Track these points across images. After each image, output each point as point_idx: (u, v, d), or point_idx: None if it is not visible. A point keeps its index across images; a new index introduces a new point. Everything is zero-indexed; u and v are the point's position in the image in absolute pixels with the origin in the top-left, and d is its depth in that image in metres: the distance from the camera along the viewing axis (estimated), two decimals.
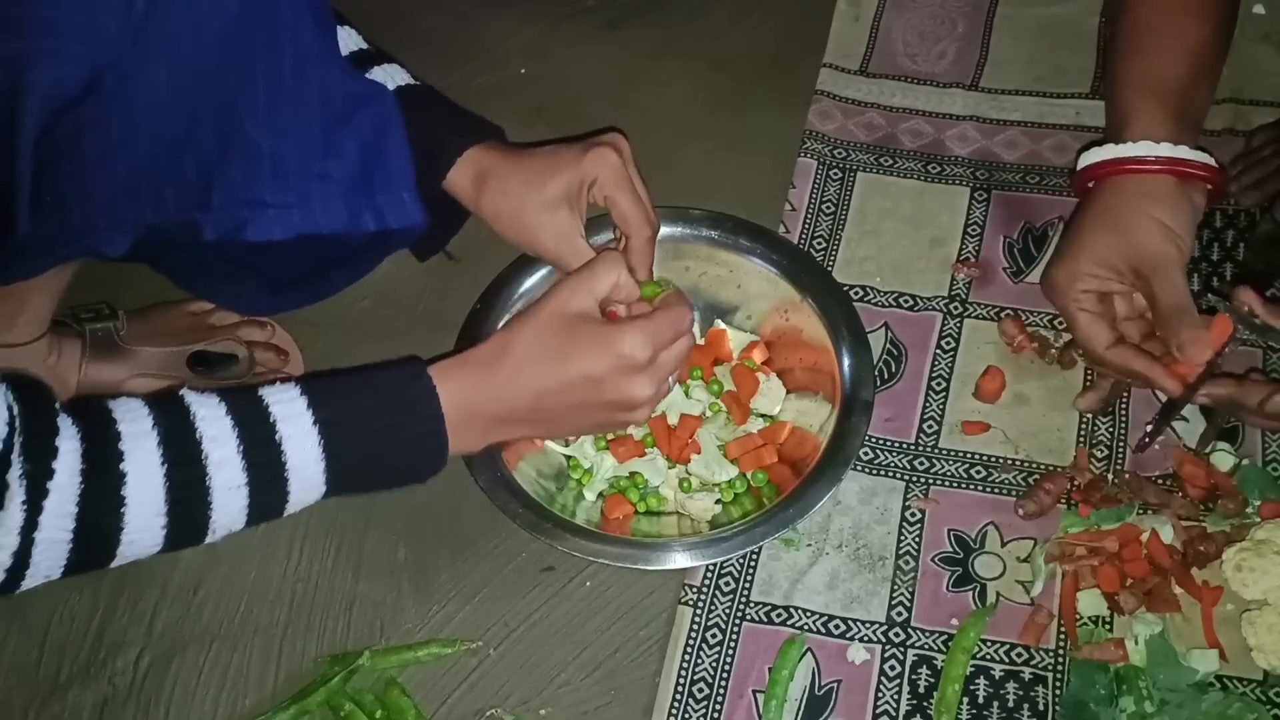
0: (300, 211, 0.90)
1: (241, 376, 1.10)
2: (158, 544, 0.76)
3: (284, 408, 0.78)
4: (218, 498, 0.75)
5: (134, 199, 0.83)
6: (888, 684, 0.94)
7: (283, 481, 0.78)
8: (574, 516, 1.01)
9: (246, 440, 0.76)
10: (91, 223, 0.84)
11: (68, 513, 0.70)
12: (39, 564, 0.71)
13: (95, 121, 0.77)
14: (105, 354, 1.06)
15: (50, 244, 0.85)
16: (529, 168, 0.96)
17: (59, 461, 0.70)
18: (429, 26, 1.41)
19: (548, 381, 0.85)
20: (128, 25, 0.75)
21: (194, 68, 0.79)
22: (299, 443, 0.78)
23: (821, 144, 1.27)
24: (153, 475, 0.73)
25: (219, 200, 0.86)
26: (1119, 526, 0.98)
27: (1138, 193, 0.98)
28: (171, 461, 0.74)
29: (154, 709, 0.96)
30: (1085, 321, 1.00)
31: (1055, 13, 1.37)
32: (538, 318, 0.86)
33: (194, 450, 0.75)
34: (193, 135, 0.82)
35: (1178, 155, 0.98)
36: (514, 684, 0.96)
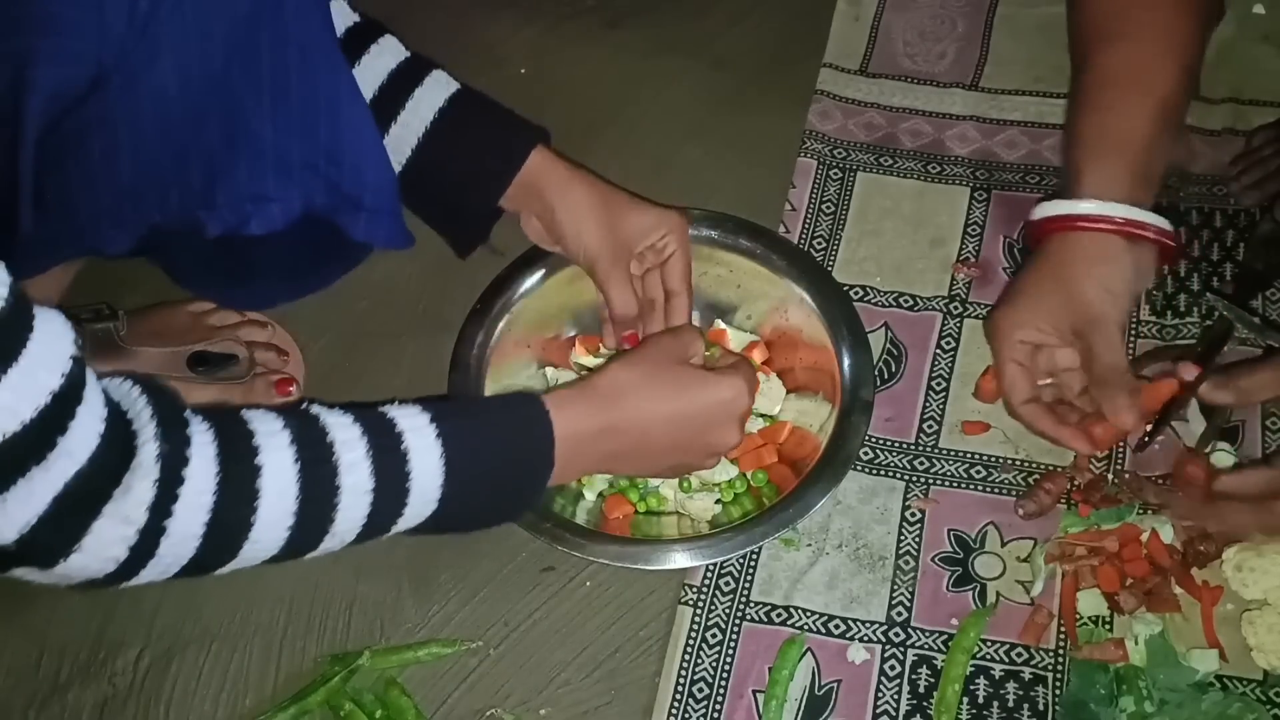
0: (302, 204, 0.90)
1: (241, 376, 1.10)
2: (278, 546, 0.74)
3: (409, 420, 0.78)
4: (344, 500, 0.75)
5: (138, 198, 0.83)
6: (888, 684, 0.94)
7: (405, 491, 0.77)
8: (574, 516, 1.01)
9: (375, 446, 0.76)
10: (95, 221, 0.84)
11: (203, 504, 0.69)
12: (163, 555, 0.70)
13: (101, 120, 0.77)
14: (105, 354, 1.06)
15: (53, 242, 0.85)
16: (611, 190, 1.01)
17: (194, 450, 0.69)
18: (429, 26, 1.40)
19: (657, 420, 0.88)
20: (133, 23, 0.74)
21: (201, 66, 0.79)
22: (423, 454, 0.78)
23: (821, 144, 1.27)
24: (287, 471, 0.72)
25: (223, 197, 0.86)
26: (1119, 526, 0.98)
27: (1083, 252, 0.97)
28: (305, 459, 0.73)
29: (154, 709, 0.96)
30: (1012, 372, 1.00)
31: (1055, 12, 1.36)
32: (646, 360, 0.90)
33: (326, 451, 0.74)
34: (199, 134, 0.82)
35: (1129, 216, 0.97)
36: (514, 684, 0.96)
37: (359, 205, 0.93)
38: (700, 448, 0.92)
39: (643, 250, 1.02)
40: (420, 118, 0.97)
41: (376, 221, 0.94)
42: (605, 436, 0.87)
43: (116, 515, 0.67)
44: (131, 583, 0.72)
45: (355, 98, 0.90)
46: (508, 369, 1.08)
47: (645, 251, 1.02)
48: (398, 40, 1.00)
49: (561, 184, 0.98)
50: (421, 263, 1.20)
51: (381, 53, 0.97)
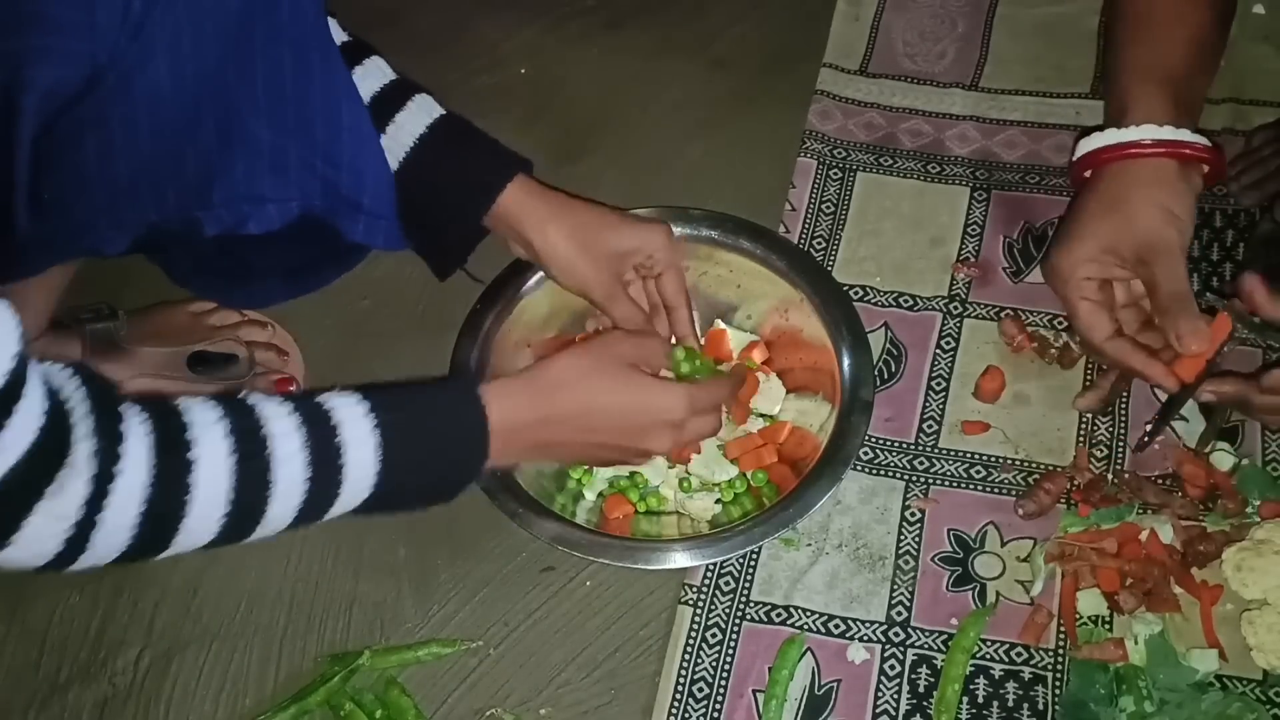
0: (300, 205, 0.90)
1: (241, 376, 1.10)
2: (210, 535, 0.75)
3: (346, 410, 0.79)
4: (278, 491, 0.75)
5: (135, 198, 0.83)
6: (887, 683, 0.94)
7: (338, 482, 0.78)
8: (574, 516, 1.01)
9: (311, 437, 0.76)
10: (92, 222, 0.84)
11: (136, 497, 0.70)
12: (96, 547, 0.70)
13: (96, 120, 0.77)
14: (105, 354, 1.06)
15: (50, 243, 0.85)
16: (591, 214, 1.00)
17: (127, 444, 0.69)
18: (429, 26, 1.41)
19: (593, 415, 0.88)
20: (127, 23, 0.74)
21: (195, 65, 0.79)
22: (358, 446, 0.78)
23: (821, 144, 1.27)
24: (221, 464, 0.72)
25: (220, 197, 0.86)
26: (1118, 526, 0.98)
27: (1140, 178, 0.96)
28: (240, 452, 0.73)
29: (154, 709, 0.96)
30: (1086, 310, 0.98)
31: (1055, 12, 1.37)
32: (591, 355, 0.90)
33: (261, 444, 0.74)
34: (194, 133, 0.82)
35: (1178, 138, 0.96)
36: (514, 683, 0.96)
37: (357, 207, 0.92)
38: (631, 448, 0.92)
39: (634, 267, 1.02)
40: (400, 143, 0.96)
41: (375, 223, 0.94)
42: (541, 427, 0.87)
43: (50, 512, 0.67)
44: (64, 571, 0.72)
45: (353, 99, 0.90)
46: (508, 369, 1.08)
47: (635, 268, 1.02)
48: (385, 62, 0.99)
49: (538, 223, 0.97)
50: (421, 263, 1.20)
51: (367, 74, 0.97)
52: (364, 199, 0.92)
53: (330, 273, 1.12)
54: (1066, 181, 1.22)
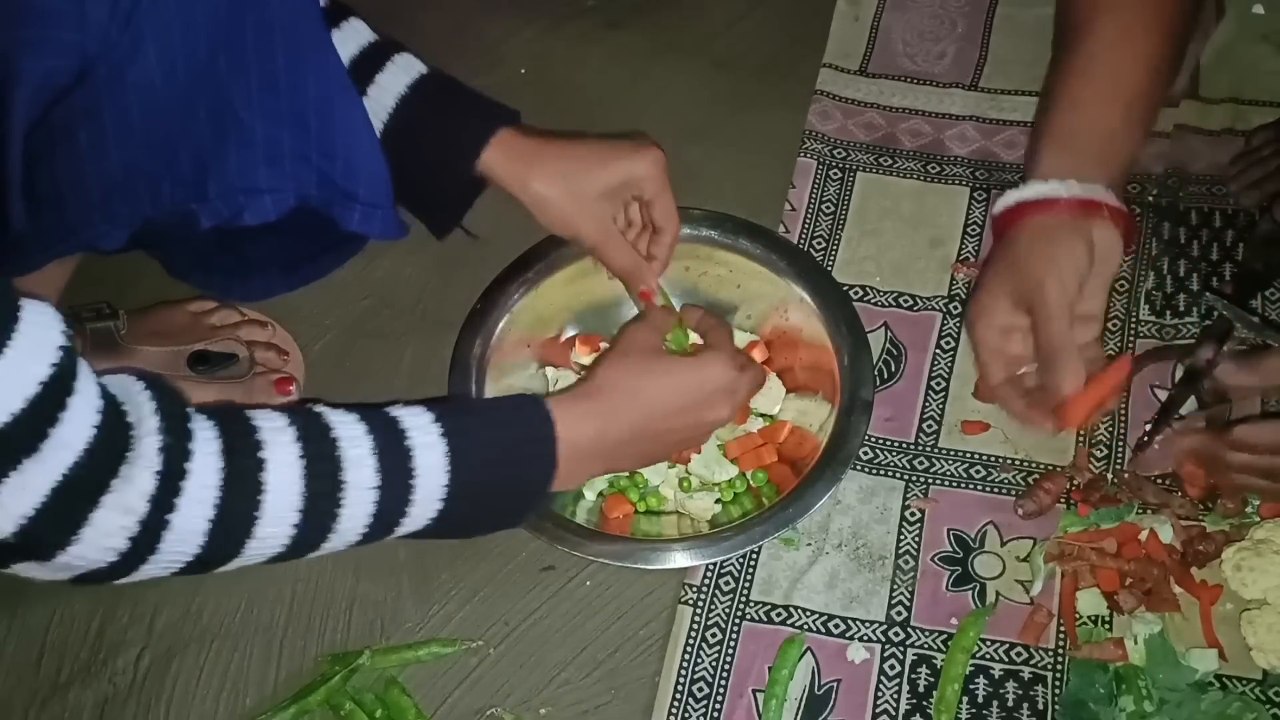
0: (295, 196, 0.89)
1: (242, 376, 1.10)
2: (283, 543, 0.74)
3: (413, 419, 0.79)
4: (349, 496, 0.75)
5: (129, 192, 0.83)
6: (887, 683, 0.94)
7: (410, 489, 0.77)
8: (574, 516, 1.01)
9: (379, 443, 0.76)
10: (87, 216, 0.84)
11: (207, 498, 0.69)
12: (165, 551, 0.70)
13: (87, 112, 0.77)
14: (105, 353, 1.06)
15: (46, 239, 0.85)
16: (576, 155, 0.97)
17: (196, 443, 0.69)
18: (429, 26, 1.41)
19: (654, 410, 0.90)
20: (116, 12, 0.74)
21: (186, 56, 0.78)
22: (427, 451, 0.78)
23: (821, 144, 1.27)
24: (292, 466, 0.72)
25: (215, 189, 0.86)
26: (1118, 526, 0.98)
27: (1031, 233, 0.97)
28: (310, 454, 0.73)
29: (154, 709, 0.96)
30: (983, 356, 1.00)
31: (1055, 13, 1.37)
32: (628, 355, 0.91)
33: (330, 446, 0.74)
34: (187, 125, 0.82)
35: (1072, 193, 0.97)
36: (514, 683, 0.96)
37: (353, 197, 0.92)
38: (697, 426, 0.93)
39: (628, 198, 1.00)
40: (383, 104, 0.95)
41: (371, 213, 0.93)
42: (605, 434, 0.87)
43: (117, 506, 0.67)
44: (135, 577, 0.72)
45: (346, 88, 0.90)
46: (508, 369, 1.08)
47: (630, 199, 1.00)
48: (365, 23, 0.98)
49: (520, 179, 0.96)
50: (421, 262, 1.20)
51: (346, 37, 0.96)
52: (359, 189, 0.92)
53: (329, 262, 1.12)
54: None
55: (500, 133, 0.96)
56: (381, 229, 0.95)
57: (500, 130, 0.96)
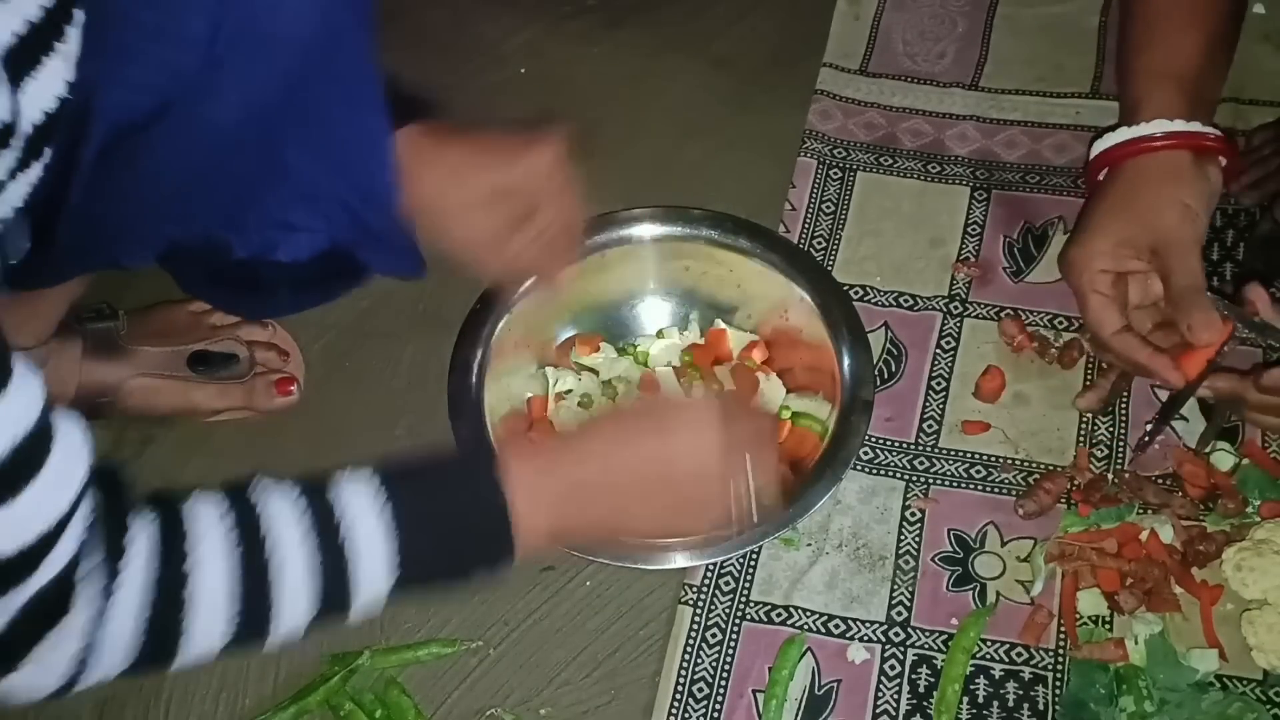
0: (329, 238, 0.89)
1: (242, 376, 1.10)
2: (222, 641, 0.73)
3: (356, 505, 0.74)
4: (284, 600, 0.73)
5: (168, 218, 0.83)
6: (887, 683, 0.94)
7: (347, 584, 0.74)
8: None
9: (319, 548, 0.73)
10: (121, 238, 0.84)
11: (133, 617, 0.68)
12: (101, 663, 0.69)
13: (151, 147, 0.76)
14: (106, 354, 1.06)
15: (79, 256, 0.84)
16: (451, 159, 0.90)
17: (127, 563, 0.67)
18: (429, 26, 1.40)
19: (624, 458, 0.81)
20: (207, 60, 0.73)
21: (258, 103, 0.78)
22: (369, 546, 0.74)
23: (821, 144, 1.27)
24: (221, 572, 0.71)
25: (253, 221, 0.85)
26: (1118, 526, 0.98)
27: (1155, 172, 0.96)
28: (242, 567, 0.71)
29: (154, 709, 0.96)
30: (1097, 304, 0.98)
31: (1055, 12, 1.37)
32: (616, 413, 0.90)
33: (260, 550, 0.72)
34: (237, 161, 0.81)
35: (1191, 130, 0.96)
36: (514, 683, 0.96)
37: (385, 242, 0.91)
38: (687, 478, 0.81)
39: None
40: None
41: (401, 257, 0.92)
42: (573, 493, 0.80)
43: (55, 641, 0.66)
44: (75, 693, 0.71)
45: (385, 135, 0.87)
46: (508, 369, 1.08)
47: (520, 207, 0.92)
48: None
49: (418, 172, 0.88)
50: None
51: None
52: (394, 235, 0.90)
53: (339, 288, 1.11)
54: (1067, 181, 1.22)
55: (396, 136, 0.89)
56: (410, 270, 0.94)
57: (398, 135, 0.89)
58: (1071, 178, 1.22)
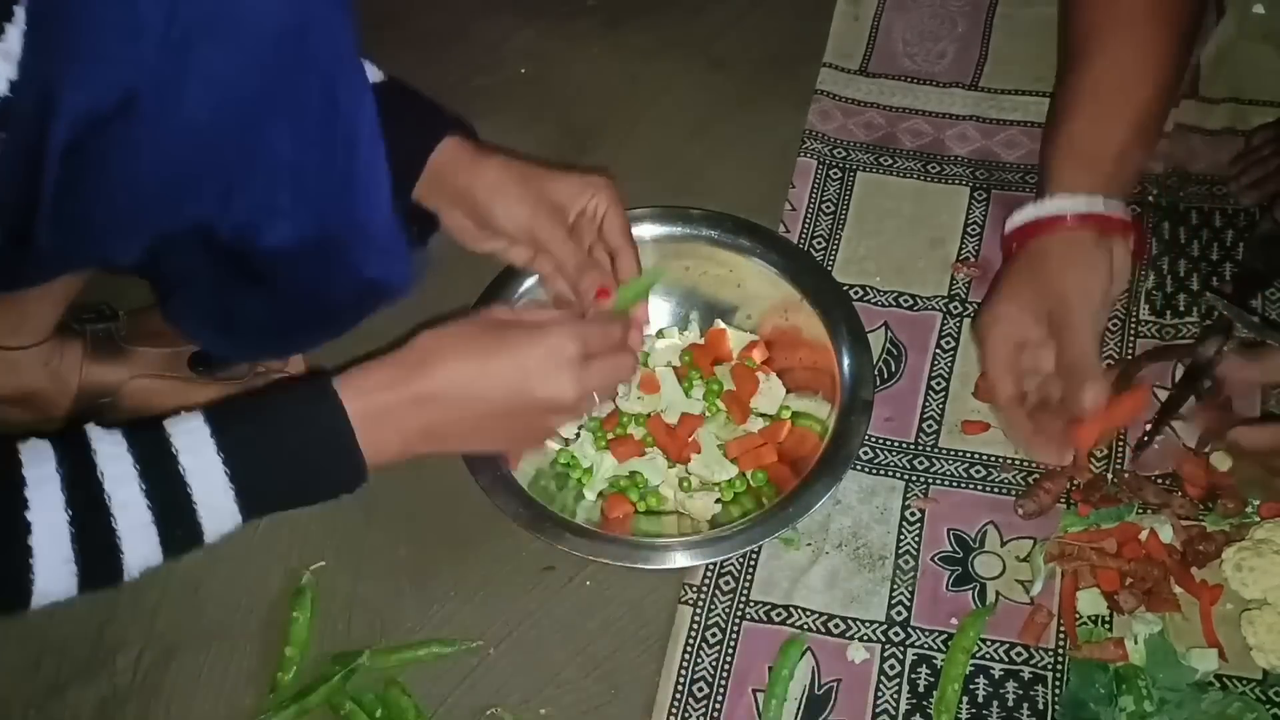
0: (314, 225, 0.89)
1: (241, 376, 1.10)
2: (71, 588, 0.73)
3: (187, 439, 0.76)
4: (126, 540, 0.74)
5: (151, 212, 0.83)
6: (887, 683, 0.94)
7: (192, 513, 0.76)
8: (574, 516, 1.01)
9: (150, 479, 0.74)
10: (107, 234, 0.84)
11: None
12: None
13: (124, 142, 0.76)
14: (106, 354, 1.06)
15: (64, 254, 0.85)
16: (525, 168, 0.96)
17: None
18: (429, 26, 1.41)
19: (475, 381, 0.83)
20: (165, 49, 0.73)
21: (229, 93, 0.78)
22: (204, 475, 0.76)
23: (821, 144, 1.27)
24: (58, 523, 0.71)
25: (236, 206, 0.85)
26: (1118, 526, 0.98)
27: (1057, 251, 0.98)
28: (76, 506, 0.72)
29: (154, 708, 0.96)
30: (995, 369, 0.99)
31: (1055, 13, 1.37)
32: (461, 324, 0.85)
33: (97, 493, 0.73)
34: (218, 154, 0.81)
35: (1092, 209, 0.97)
36: (514, 683, 0.96)
37: (370, 241, 0.91)
38: (534, 405, 0.85)
39: (576, 220, 0.98)
40: None
41: (390, 260, 0.92)
42: (417, 407, 0.82)
43: None
44: None
45: (374, 135, 0.87)
46: None
47: (580, 221, 0.98)
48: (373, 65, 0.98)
49: (476, 168, 0.95)
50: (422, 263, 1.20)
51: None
52: (378, 234, 0.91)
53: (315, 337, 1.09)
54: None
55: (454, 134, 0.95)
56: (400, 278, 0.94)
57: (454, 133, 0.96)
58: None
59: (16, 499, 0.71)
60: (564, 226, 0.97)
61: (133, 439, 0.75)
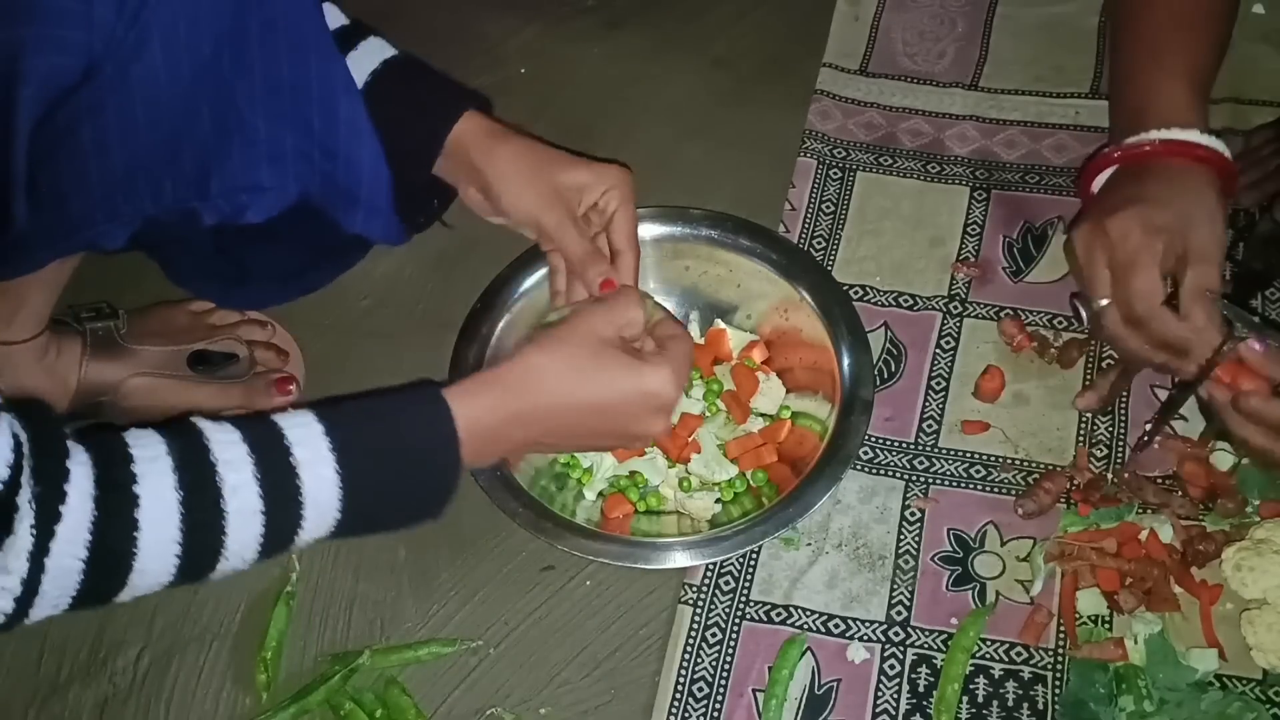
0: (297, 192, 0.89)
1: (241, 376, 1.10)
2: (169, 573, 0.72)
3: (299, 431, 0.75)
4: (232, 524, 0.73)
5: (131, 190, 0.83)
6: (887, 683, 0.94)
7: (299, 506, 0.75)
8: (574, 516, 1.01)
9: (262, 465, 0.73)
10: (89, 215, 0.84)
11: (80, 539, 0.67)
12: (48, 592, 0.68)
13: (92, 111, 0.77)
14: (105, 353, 1.06)
15: (48, 238, 0.85)
16: (540, 152, 0.97)
17: (71, 484, 0.67)
18: (429, 26, 1.41)
19: (571, 409, 0.84)
20: (123, 11, 0.74)
21: (191, 55, 0.78)
22: (315, 468, 0.75)
23: (821, 143, 1.27)
24: (167, 499, 0.70)
25: (218, 187, 0.85)
26: (1118, 526, 0.98)
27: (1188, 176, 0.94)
28: (187, 486, 0.71)
29: (154, 708, 0.96)
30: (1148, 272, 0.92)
31: (1055, 12, 1.37)
32: (566, 343, 0.85)
33: (209, 474, 0.72)
34: (190, 123, 0.82)
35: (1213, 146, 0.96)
36: (514, 683, 0.96)
37: (355, 199, 0.92)
38: (620, 436, 0.89)
39: (586, 212, 0.98)
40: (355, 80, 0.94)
41: (373, 215, 0.93)
42: (514, 426, 0.82)
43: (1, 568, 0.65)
44: (28, 623, 0.70)
45: (349, 90, 0.89)
46: None
47: (589, 214, 0.98)
48: (338, 9, 0.97)
49: (490, 148, 0.95)
50: (421, 262, 1.20)
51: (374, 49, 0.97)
52: (361, 190, 0.92)
53: (326, 273, 1.12)
54: (1066, 181, 1.22)
55: (473, 110, 0.96)
56: (383, 232, 0.95)
57: (473, 108, 0.96)
58: (1071, 178, 1.22)
59: (125, 473, 0.69)
60: (572, 216, 0.96)
61: (244, 427, 0.75)
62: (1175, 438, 1.03)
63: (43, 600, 0.68)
